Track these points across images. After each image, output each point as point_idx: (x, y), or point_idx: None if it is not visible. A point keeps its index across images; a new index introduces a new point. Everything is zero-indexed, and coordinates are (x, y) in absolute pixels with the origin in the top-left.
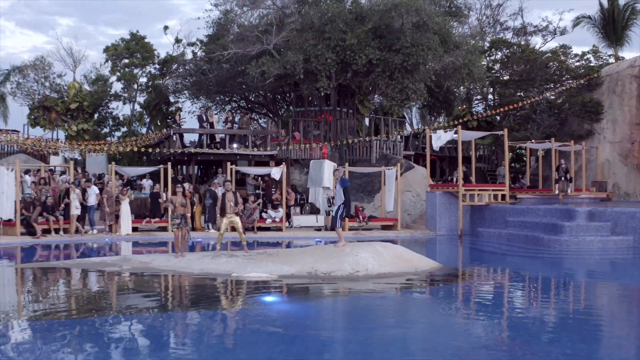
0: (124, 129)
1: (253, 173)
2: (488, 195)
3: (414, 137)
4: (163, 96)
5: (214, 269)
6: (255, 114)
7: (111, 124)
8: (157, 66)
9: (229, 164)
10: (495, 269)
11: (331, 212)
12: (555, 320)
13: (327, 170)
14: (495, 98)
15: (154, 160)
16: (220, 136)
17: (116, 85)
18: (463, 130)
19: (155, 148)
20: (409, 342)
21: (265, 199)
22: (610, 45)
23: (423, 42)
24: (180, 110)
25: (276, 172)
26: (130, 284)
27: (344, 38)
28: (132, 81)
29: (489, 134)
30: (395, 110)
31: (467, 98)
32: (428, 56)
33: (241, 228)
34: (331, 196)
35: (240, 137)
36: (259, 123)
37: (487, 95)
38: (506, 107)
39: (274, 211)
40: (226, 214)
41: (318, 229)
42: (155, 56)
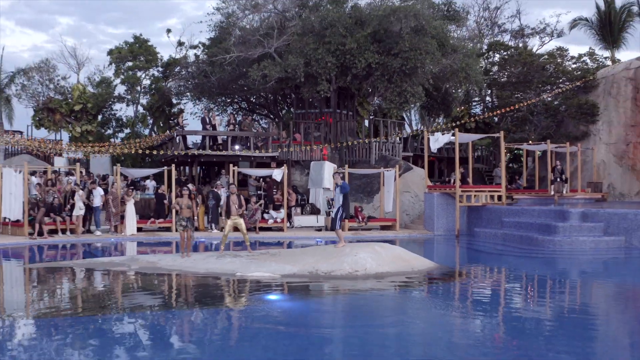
0: (127, 130)
1: (255, 174)
2: (485, 196)
3: (413, 139)
4: (166, 98)
5: (219, 269)
6: (256, 115)
7: (114, 125)
8: (160, 69)
9: (231, 165)
10: (489, 268)
11: (331, 214)
12: (546, 317)
13: (327, 171)
14: (494, 100)
15: (157, 161)
16: (223, 138)
17: (119, 87)
18: (461, 131)
19: (159, 150)
20: (404, 338)
21: (266, 199)
22: (607, 47)
23: (421, 47)
24: (182, 111)
25: (277, 174)
26: (140, 283)
27: (343, 42)
28: (136, 84)
29: (486, 136)
30: (394, 113)
31: (465, 100)
32: (426, 60)
33: (245, 229)
34: (331, 198)
35: (242, 139)
36: (260, 124)
37: (485, 97)
38: (503, 110)
39: (276, 212)
40: (230, 216)
41: (318, 229)
42: (159, 59)
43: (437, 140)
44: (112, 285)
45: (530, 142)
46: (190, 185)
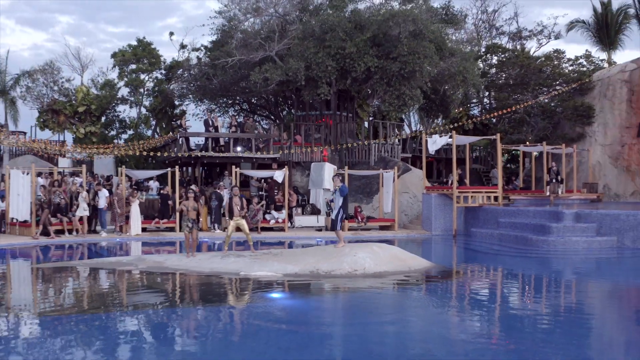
0: (131, 131)
1: (257, 176)
2: (482, 197)
3: (412, 140)
4: (169, 100)
5: (223, 268)
6: (257, 116)
7: (118, 126)
8: (163, 71)
9: (234, 167)
10: (483, 267)
11: (331, 215)
12: (535, 314)
13: (328, 172)
14: (492, 101)
15: (160, 163)
16: (225, 139)
17: (123, 89)
18: (459, 132)
19: (162, 151)
20: (401, 334)
21: (268, 200)
22: (603, 49)
23: (419, 51)
24: (185, 113)
25: (279, 175)
26: (149, 282)
27: (343, 46)
28: (139, 86)
29: (483, 138)
30: (392, 115)
31: (464, 101)
32: (424, 64)
33: (247, 230)
34: (330, 200)
35: (244, 141)
36: (261, 125)
37: (483, 99)
38: (500, 112)
39: (277, 212)
40: (233, 217)
41: (319, 229)
42: (162, 62)
43: (435, 142)
44: (123, 285)
45: (528, 143)
46: (193, 187)
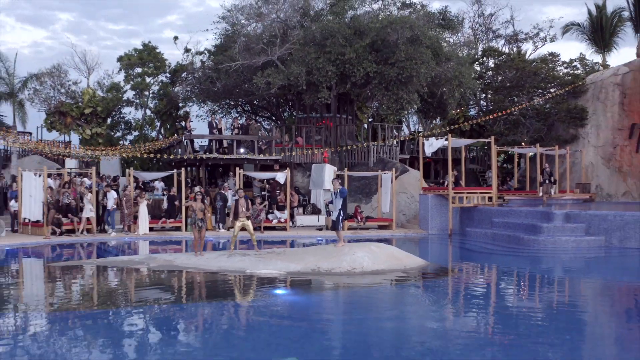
0: (136, 132)
1: (259, 177)
2: (477, 198)
3: (410, 141)
4: (173, 103)
5: (230, 267)
6: (259, 117)
7: (123, 128)
8: (168, 75)
9: (237, 168)
10: (475, 266)
11: (331, 215)
12: (522, 309)
13: (328, 173)
14: (488, 103)
15: (164, 163)
16: (228, 141)
17: (129, 92)
18: (457, 133)
19: (168, 153)
20: (395, 326)
21: (270, 200)
22: (598, 51)
23: (416, 56)
24: (188, 114)
25: (281, 176)
26: (161, 279)
27: (343, 52)
28: (145, 89)
29: (478, 141)
30: (390, 119)
31: (460, 104)
32: (421, 69)
33: (252, 230)
34: (329, 201)
35: (247, 142)
36: (262, 125)
37: (480, 101)
38: (495, 114)
39: (279, 212)
40: (239, 218)
41: (319, 229)
42: (167, 66)
43: (432, 145)
44: (138, 282)
45: (523, 144)
46: (198, 187)
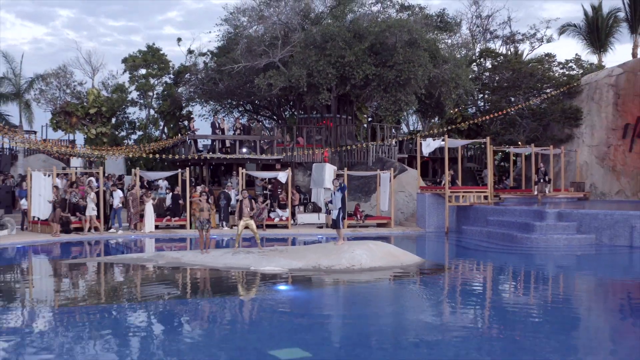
0: (140, 132)
1: (261, 176)
2: (473, 196)
3: (408, 141)
4: (177, 103)
5: (235, 263)
6: (260, 116)
7: (128, 127)
8: (172, 76)
9: (240, 168)
10: (468, 263)
11: (331, 214)
12: (509, 303)
13: (328, 172)
14: (486, 103)
15: (168, 163)
16: (230, 141)
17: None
18: (454, 132)
19: (172, 153)
20: (390, 319)
21: (272, 199)
22: (594, 52)
23: (414, 59)
24: (191, 113)
25: (282, 176)
26: (170, 276)
27: (343, 55)
28: (149, 90)
29: (473, 141)
30: (389, 120)
31: (458, 103)
32: (418, 72)
33: (255, 229)
34: (329, 201)
35: (249, 142)
36: (264, 124)
37: (478, 101)
38: (491, 115)
39: (281, 210)
40: (242, 217)
41: (320, 226)
42: (170, 67)
43: (429, 146)
44: (148, 278)
45: (520, 144)
46: (202, 186)
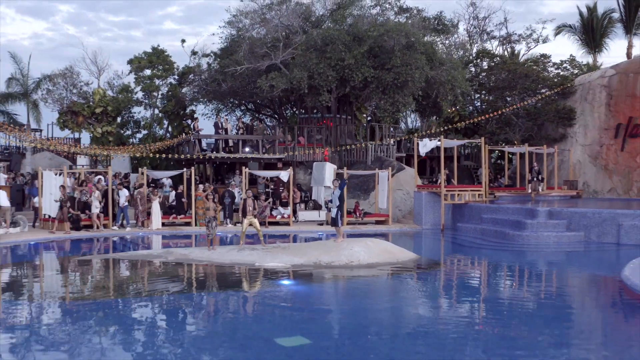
0: (145, 131)
1: (264, 175)
2: (468, 195)
3: (406, 140)
4: (181, 103)
5: (240, 260)
6: (262, 114)
7: (133, 126)
8: (176, 77)
9: (244, 167)
10: (461, 259)
11: (331, 212)
12: (498, 297)
13: (328, 171)
14: (483, 104)
15: (173, 162)
16: (233, 140)
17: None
18: (452, 131)
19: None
20: (386, 311)
21: (274, 197)
22: (589, 52)
23: (411, 62)
24: (194, 112)
25: (284, 175)
26: (180, 271)
27: (343, 58)
28: (154, 91)
29: (469, 142)
30: (387, 121)
31: (455, 103)
32: (415, 74)
33: (259, 226)
34: (329, 200)
35: (252, 142)
36: (265, 123)
37: (474, 101)
38: (487, 116)
39: (283, 208)
40: (247, 216)
41: (320, 224)
42: (175, 68)
43: (425, 146)
44: (158, 274)
45: (515, 143)
46: (207, 185)
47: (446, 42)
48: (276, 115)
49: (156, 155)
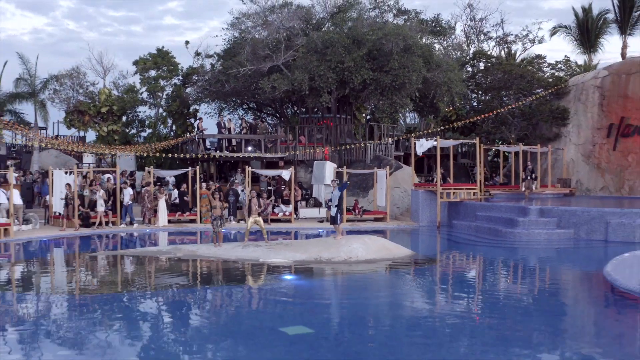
0: (149, 130)
1: (266, 174)
2: (463, 193)
3: (405, 139)
4: (185, 103)
5: (245, 256)
6: (263, 113)
7: (138, 125)
8: (181, 78)
9: (247, 167)
10: (454, 255)
11: (330, 211)
12: (486, 291)
13: (328, 169)
14: (479, 104)
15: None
16: (236, 139)
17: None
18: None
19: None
20: (381, 303)
21: (276, 195)
22: (584, 52)
23: (409, 65)
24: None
25: (286, 174)
26: (189, 267)
27: (342, 60)
28: (159, 91)
29: (464, 141)
30: (385, 121)
31: (452, 103)
32: (412, 77)
33: (263, 224)
34: (328, 199)
35: (254, 141)
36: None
37: (471, 101)
38: (483, 116)
39: (285, 205)
40: (251, 214)
41: (320, 221)
42: (179, 69)
43: (422, 146)
44: (169, 269)
45: (511, 142)
46: (210, 183)
47: (444, 44)
48: (277, 114)
49: (163, 155)
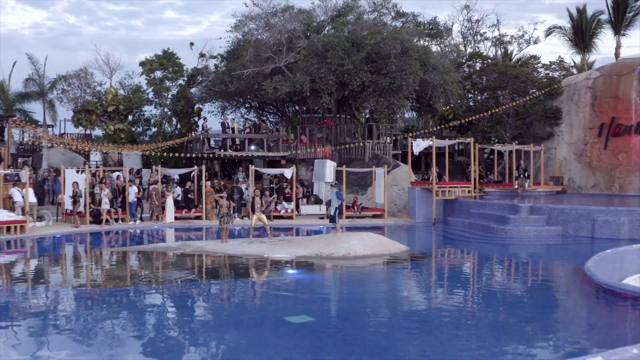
0: (155, 129)
1: (268, 173)
2: (458, 191)
3: (403, 138)
4: (190, 103)
5: (251, 251)
6: (265, 112)
7: (143, 124)
8: (186, 79)
9: (250, 165)
10: (448, 251)
11: (330, 211)
12: (475, 284)
13: (329, 168)
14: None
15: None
16: (240, 139)
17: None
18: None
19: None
20: (378, 295)
21: (278, 193)
22: (579, 52)
23: (406, 68)
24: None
25: (288, 173)
26: (199, 262)
27: (342, 63)
28: (164, 92)
29: (459, 141)
30: (383, 122)
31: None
32: (409, 79)
33: (266, 221)
34: (328, 199)
35: (257, 140)
36: (268, 119)
37: (468, 101)
38: (479, 116)
39: (287, 203)
40: (255, 212)
41: (321, 217)
42: (184, 71)
43: (419, 145)
44: (180, 264)
45: (506, 141)
46: (215, 181)
47: (441, 45)
48: (279, 114)
49: (169, 155)
